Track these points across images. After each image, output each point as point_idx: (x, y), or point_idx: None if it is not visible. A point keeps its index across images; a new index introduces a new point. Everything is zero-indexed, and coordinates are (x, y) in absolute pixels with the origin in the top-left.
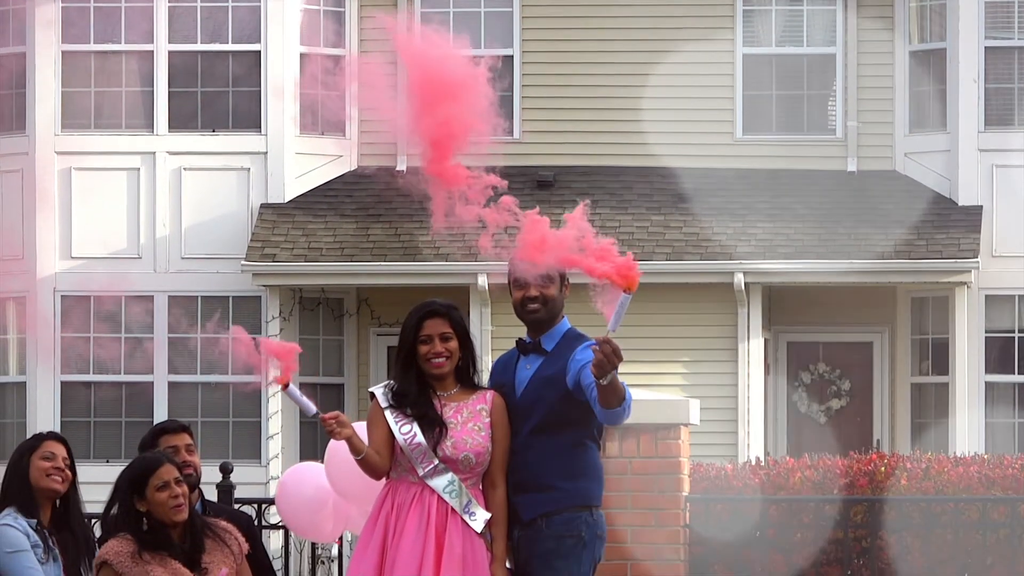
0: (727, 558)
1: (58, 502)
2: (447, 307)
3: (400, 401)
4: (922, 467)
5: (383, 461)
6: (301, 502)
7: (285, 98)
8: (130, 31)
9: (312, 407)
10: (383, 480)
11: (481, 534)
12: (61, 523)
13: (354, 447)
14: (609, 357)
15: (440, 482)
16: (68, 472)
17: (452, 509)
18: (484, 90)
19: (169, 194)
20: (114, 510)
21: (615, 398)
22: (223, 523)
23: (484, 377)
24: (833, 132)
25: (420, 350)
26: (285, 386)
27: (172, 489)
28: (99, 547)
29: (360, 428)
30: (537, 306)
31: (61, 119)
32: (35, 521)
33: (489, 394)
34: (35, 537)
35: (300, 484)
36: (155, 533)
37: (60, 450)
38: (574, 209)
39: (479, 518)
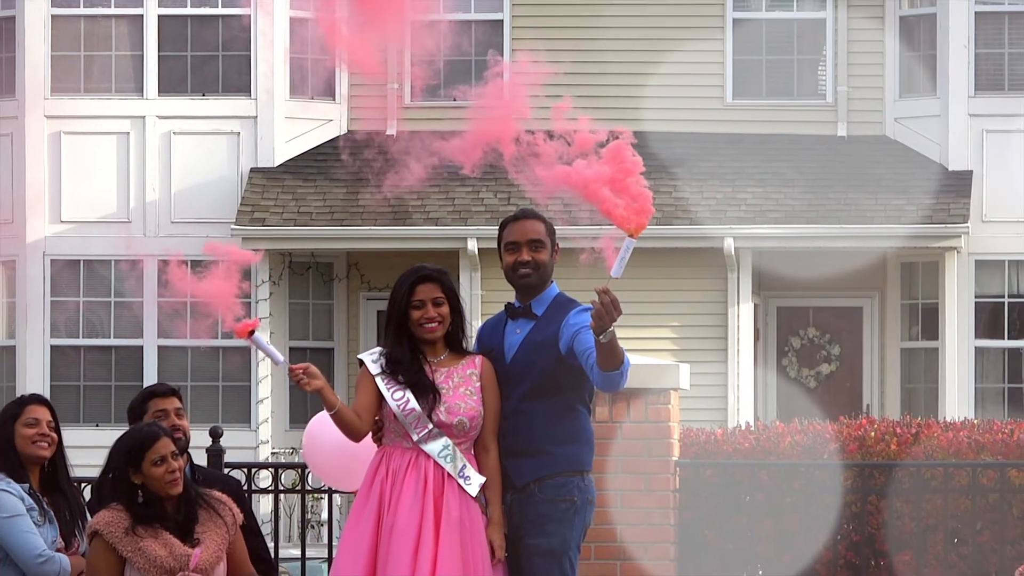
0: (717, 523)
1: (46, 465)
2: (438, 271)
3: (394, 368)
4: (912, 432)
5: (362, 424)
6: (327, 447)
7: (275, 62)
8: None
9: (279, 356)
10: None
11: (476, 498)
12: (51, 486)
13: (326, 400)
14: (608, 308)
15: (435, 446)
16: (54, 435)
17: (448, 474)
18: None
19: (159, 158)
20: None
21: (613, 360)
22: (217, 493)
23: (471, 342)
24: (823, 97)
25: (413, 315)
26: (250, 334)
27: (169, 464)
28: (89, 512)
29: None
30: (529, 271)
31: (51, 83)
32: (27, 485)
33: (478, 359)
34: (30, 501)
35: (325, 431)
36: (149, 505)
37: (44, 414)
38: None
39: (474, 482)
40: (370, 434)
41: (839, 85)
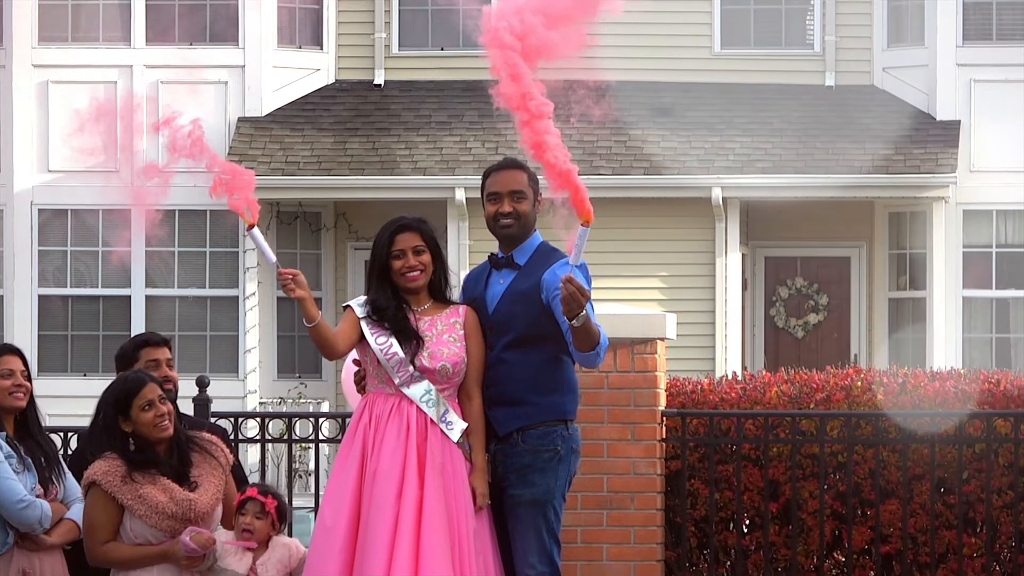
0: (703, 473)
1: (18, 413)
2: (418, 221)
3: (380, 316)
4: (899, 382)
5: (336, 343)
6: None
7: (263, 11)
8: None
9: (272, 256)
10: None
11: (459, 444)
12: (24, 434)
13: (307, 312)
14: (574, 295)
15: (417, 390)
16: (28, 384)
17: (431, 420)
18: None
19: (147, 107)
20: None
21: (589, 341)
22: (206, 435)
23: (456, 292)
24: (811, 46)
25: (394, 265)
26: (251, 227)
27: (157, 408)
28: (78, 462)
29: None
30: (510, 221)
31: (38, 32)
32: (5, 434)
33: (462, 308)
34: (8, 449)
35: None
36: (142, 452)
37: (17, 364)
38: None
39: (456, 427)
40: (355, 384)
41: (827, 34)
